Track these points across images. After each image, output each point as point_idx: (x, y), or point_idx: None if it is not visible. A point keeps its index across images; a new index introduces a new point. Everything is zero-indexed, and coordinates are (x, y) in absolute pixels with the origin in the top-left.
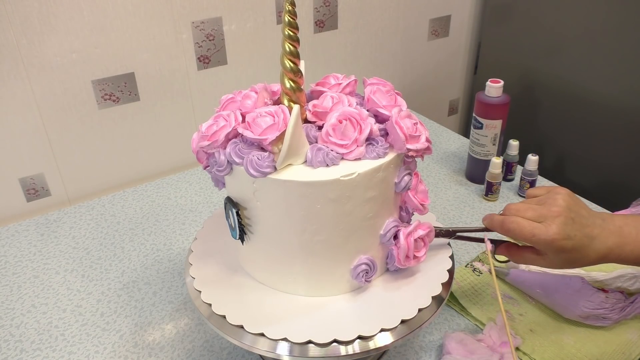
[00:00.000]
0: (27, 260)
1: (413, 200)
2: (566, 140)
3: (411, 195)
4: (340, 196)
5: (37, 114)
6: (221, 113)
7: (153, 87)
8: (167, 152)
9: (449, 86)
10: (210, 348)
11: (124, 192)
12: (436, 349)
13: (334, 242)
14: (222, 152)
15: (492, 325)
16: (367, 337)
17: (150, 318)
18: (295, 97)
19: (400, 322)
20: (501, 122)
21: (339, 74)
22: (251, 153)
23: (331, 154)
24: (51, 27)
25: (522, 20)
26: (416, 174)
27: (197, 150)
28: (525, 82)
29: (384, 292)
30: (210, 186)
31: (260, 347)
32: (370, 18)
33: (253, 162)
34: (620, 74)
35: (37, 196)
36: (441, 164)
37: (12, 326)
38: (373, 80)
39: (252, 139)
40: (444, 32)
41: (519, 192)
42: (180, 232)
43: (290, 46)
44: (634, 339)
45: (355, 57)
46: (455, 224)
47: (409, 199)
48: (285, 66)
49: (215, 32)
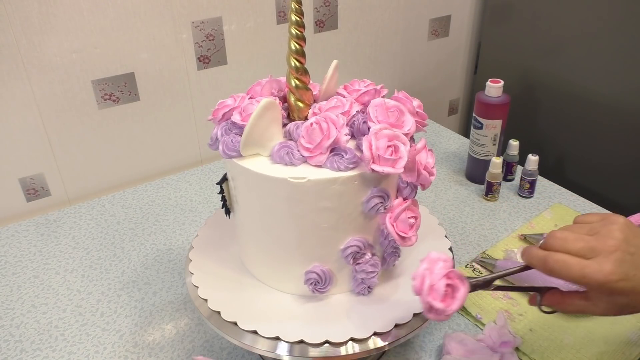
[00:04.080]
0: (27, 260)
1: (389, 227)
2: (566, 140)
3: (388, 221)
4: (289, 197)
5: (37, 114)
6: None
7: (153, 87)
8: (167, 152)
9: (449, 86)
10: (210, 348)
11: (124, 192)
12: (436, 349)
13: (287, 241)
14: (217, 128)
15: (492, 325)
16: (360, 340)
17: (150, 318)
18: (300, 96)
19: (395, 326)
20: (501, 122)
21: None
22: (231, 135)
23: (296, 154)
24: (51, 27)
25: (522, 20)
26: (414, 202)
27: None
28: (525, 82)
29: (381, 293)
30: (210, 186)
31: (260, 347)
32: (370, 18)
33: (226, 143)
34: (620, 74)
35: (37, 196)
36: (441, 164)
37: (12, 326)
38: (400, 94)
39: (237, 123)
40: (444, 32)
41: (519, 192)
42: (180, 232)
43: (297, 45)
44: (634, 339)
45: (355, 57)
46: (455, 224)
47: (386, 225)
48: (291, 65)
49: (215, 32)
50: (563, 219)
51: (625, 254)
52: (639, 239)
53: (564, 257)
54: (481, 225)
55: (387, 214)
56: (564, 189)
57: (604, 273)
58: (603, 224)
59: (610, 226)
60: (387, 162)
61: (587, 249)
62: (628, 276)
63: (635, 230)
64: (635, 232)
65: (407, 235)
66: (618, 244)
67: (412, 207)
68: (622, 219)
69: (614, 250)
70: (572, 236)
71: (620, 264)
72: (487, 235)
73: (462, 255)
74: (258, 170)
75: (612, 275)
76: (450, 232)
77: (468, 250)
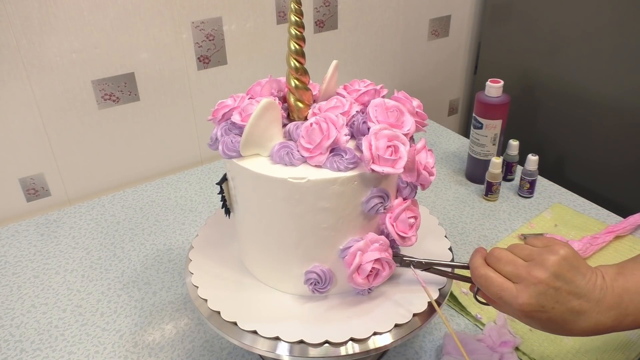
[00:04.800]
0: (27, 260)
1: (389, 227)
2: (566, 140)
3: (388, 221)
4: (289, 197)
5: (37, 114)
6: (234, 95)
7: (153, 87)
8: (167, 152)
9: (449, 86)
10: (210, 348)
11: (124, 192)
12: (436, 349)
13: (287, 241)
14: (217, 128)
15: (492, 325)
16: (360, 340)
17: (150, 318)
18: (300, 96)
19: (395, 326)
20: (501, 122)
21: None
22: (231, 135)
23: (296, 154)
24: (51, 27)
25: (522, 20)
26: (414, 202)
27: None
28: (525, 82)
29: (381, 293)
30: (210, 186)
31: (260, 347)
32: (370, 18)
33: (226, 143)
34: (620, 74)
35: (37, 196)
36: (441, 164)
37: (12, 326)
38: (399, 94)
39: (237, 123)
40: (444, 32)
41: (519, 192)
42: (180, 232)
43: (296, 45)
44: (634, 338)
45: (355, 57)
46: (455, 224)
47: (386, 225)
48: (291, 65)
49: (215, 32)
50: (563, 219)
51: (549, 288)
52: (573, 273)
53: (489, 274)
54: (481, 225)
55: (387, 214)
56: (564, 189)
57: (518, 301)
58: (541, 252)
59: (546, 256)
60: (387, 162)
61: (513, 275)
62: (545, 308)
63: (573, 263)
64: (572, 264)
65: (407, 235)
66: (543, 277)
67: (412, 207)
68: (563, 251)
69: (537, 282)
70: (506, 258)
71: (537, 296)
72: (487, 235)
73: (462, 255)
74: (258, 170)
75: (525, 305)
76: (450, 232)
77: (468, 250)
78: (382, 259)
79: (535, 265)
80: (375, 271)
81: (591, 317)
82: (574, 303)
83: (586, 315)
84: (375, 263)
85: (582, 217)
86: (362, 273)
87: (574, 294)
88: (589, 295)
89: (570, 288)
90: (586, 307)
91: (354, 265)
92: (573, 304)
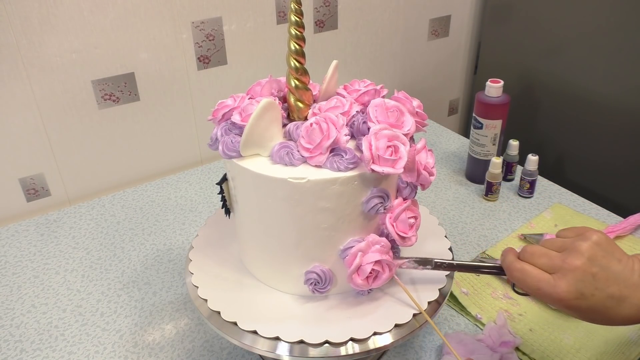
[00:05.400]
0: (27, 260)
1: (389, 227)
2: (566, 140)
3: (388, 221)
4: (289, 197)
5: (37, 114)
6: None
7: (153, 87)
8: (167, 152)
9: (449, 86)
10: (210, 348)
11: (124, 192)
12: (436, 349)
13: (287, 241)
14: (217, 128)
15: (492, 325)
16: (360, 340)
17: (150, 318)
18: (300, 96)
19: (395, 326)
20: (501, 122)
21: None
22: (231, 135)
23: (296, 154)
24: (51, 27)
25: (522, 20)
26: (414, 202)
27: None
28: (525, 82)
29: (381, 293)
30: (210, 186)
31: (260, 347)
32: (370, 18)
33: (226, 143)
34: (620, 74)
35: (37, 196)
36: (441, 164)
37: (12, 326)
38: (399, 94)
39: (237, 123)
40: (444, 32)
41: (519, 192)
42: (180, 232)
43: (296, 45)
44: (634, 338)
45: (355, 57)
46: (455, 224)
47: (386, 225)
48: (291, 65)
49: (215, 32)
50: (563, 219)
51: (586, 274)
52: (609, 259)
53: (525, 267)
54: (481, 225)
55: (387, 214)
56: (564, 189)
57: (557, 290)
58: (574, 241)
59: (579, 243)
60: (387, 162)
61: (549, 266)
62: (584, 295)
63: (608, 248)
64: (606, 250)
65: (407, 235)
66: (579, 264)
67: (412, 207)
68: (596, 236)
69: (574, 269)
70: (539, 252)
71: (576, 283)
72: (487, 235)
73: (462, 255)
74: (258, 170)
75: (565, 294)
76: (450, 232)
77: (468, 250)
78: (383, 261)
79: (570, 253)
80: (375, 273)
81: (632, 303)
82: (613, 289)
83: (627, 301)
84: (375, 265)
85: (582, 217)
86: (362, 274)
87: (612, 279)
88: (628, 281)
89: (607, 274)
90: (626, 292)
91: (354, 265)
92: (612, 289)
